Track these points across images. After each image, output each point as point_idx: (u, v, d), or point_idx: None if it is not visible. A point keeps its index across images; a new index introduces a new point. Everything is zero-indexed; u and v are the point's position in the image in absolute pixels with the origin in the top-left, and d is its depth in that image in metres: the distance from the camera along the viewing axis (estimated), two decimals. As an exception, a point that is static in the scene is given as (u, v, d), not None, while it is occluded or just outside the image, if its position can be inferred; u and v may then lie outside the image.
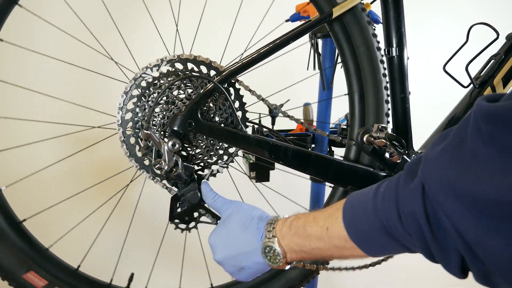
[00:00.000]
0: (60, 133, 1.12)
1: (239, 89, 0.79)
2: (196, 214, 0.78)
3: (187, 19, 1.01)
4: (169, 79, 0.75)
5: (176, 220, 0.77)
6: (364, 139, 0.76)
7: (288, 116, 0.82)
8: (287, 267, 0.63)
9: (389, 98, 0.85)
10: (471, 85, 0.87)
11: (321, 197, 1.24)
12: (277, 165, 0.83)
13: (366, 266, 0.91)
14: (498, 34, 0.83)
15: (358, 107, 0.84)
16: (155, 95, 0.74)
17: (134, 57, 0.91)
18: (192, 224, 0.79)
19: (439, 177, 0.42)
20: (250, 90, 0.79)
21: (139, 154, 0.76)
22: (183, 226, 0.78)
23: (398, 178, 0.49)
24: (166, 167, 0.70)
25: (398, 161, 0.78)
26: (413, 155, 0.81)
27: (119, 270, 0.92)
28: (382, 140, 0.73)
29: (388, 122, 0.84)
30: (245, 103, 0.80)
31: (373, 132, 0.75)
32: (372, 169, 0.82)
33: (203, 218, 0.79)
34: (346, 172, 0.81)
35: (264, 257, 0.62)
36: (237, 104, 0.79)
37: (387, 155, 0.77)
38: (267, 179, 1.05)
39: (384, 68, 0.84)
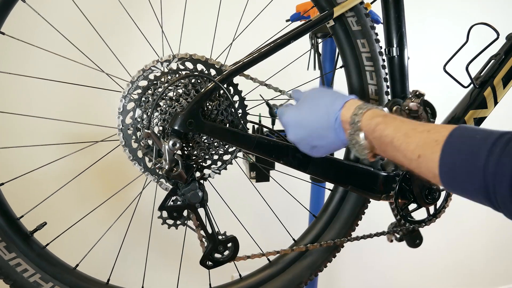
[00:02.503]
0: (62, 135, 1.13)
1: (241, 91, 0.79)
2: (185, 214, 0.78)
3: (185, 19, 1.01)
4: (169, 77, 0.75)
5: (164, 212, 0.76)
6: (393, 109, 0.77)
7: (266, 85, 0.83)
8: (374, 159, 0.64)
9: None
10: (471, 85, 0.87)
11: (321, 197, 1.24)
12: (277, 165, 0.83)
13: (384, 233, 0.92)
14: (498, 34, 0.83)
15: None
16: (159, 90, 0.74)
17: (138, 58, 0.91)
18: (178, 222, 0.78)
19: None
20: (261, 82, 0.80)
21: (135, 145, 0.76)
22: (170, 221, 0.78)
23: None
24: (166, 167, 0.70)
25: None
26: None
27: (117, 270, 0.92)
28: (417, 104, 0.74)
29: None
30: (246, 105, 0.80)
31: (410, 96, 0.77)
32: (372, 169, 0.82)
33: (189, 222, 0.79)
34: (347, 171, 0.81)
35: (351, 147, 0.64)
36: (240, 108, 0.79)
37: None
38: (267, 179, 1.05)
39: (386, 73, 0.84)
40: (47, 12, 0.88)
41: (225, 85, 0.76)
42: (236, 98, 0.79)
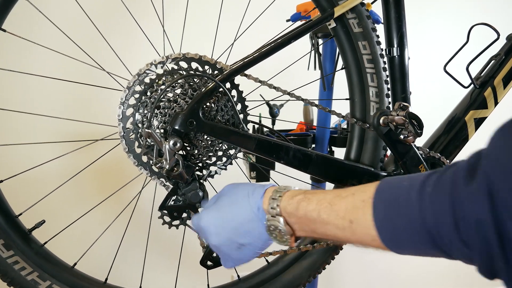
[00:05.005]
0: (62, 133, 1.13)
1: (242, 91, 0.79)
2: (185, 215, 0.78)
3: (184, 19, 1.01)
4: (170, 77, 0.75)
5: (164, 211, 0.76)
6: (381, 120, 0.76)
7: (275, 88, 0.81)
8: (295, 244, 0.60)
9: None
10: (472, 86, 0.87)
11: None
12: (277, 164, 0.83)
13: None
14: (498, 35, 0.83)
15: (358, 105, 0.84)
16: (157, 92, 0.74)
17: (133, 60, 0.91)
18: (177, 222, 0.78)
19: None
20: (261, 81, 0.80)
21: (138, 150, 0.76)
22: (169, 221, 0.78)
23: (453, 177, 0.40)
24: (167, 166, 0.70)
25: (413, 143, 0.78)
26: (421, 152, 0.82)
27: (116, 270, 0.92)
28: (402, 117, 0.74)
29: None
30: (247, 106, 0.80)
31: (394, 109, 0.76)
32: (373, 169, 0.82)
33: (189, 222, 0.79)
34: (347, 171, 0.81)
35: (269, 235, 0.58)
36: (238, 107, 0.79)
37: (401, 136, 0.77)
38: (267, 179, 1.05)
39: (387, 75, 0.84)
40: (47, 10, 0.87)
41: (226, 85, 0.75)
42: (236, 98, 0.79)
